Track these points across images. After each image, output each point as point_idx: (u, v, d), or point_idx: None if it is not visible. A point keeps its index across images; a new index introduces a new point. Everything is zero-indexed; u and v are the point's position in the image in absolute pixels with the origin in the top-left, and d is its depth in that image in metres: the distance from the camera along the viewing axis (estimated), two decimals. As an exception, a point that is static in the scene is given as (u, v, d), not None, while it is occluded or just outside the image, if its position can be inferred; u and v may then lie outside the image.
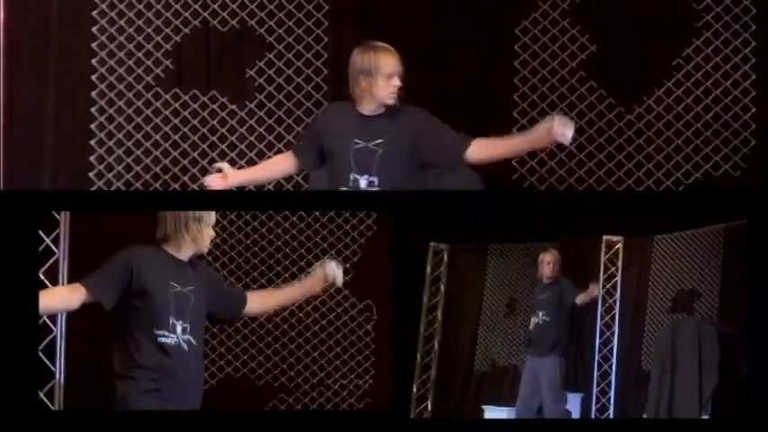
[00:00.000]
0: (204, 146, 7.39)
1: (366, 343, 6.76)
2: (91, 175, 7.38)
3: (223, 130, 7.41)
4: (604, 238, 7.87)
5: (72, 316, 5.11)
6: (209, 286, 4.56)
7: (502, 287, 8.75)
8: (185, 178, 7.38)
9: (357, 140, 5.33)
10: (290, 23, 7.39)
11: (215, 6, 7.40)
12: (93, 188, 7.32)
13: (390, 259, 7.10)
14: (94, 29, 7.39)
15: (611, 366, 7.87)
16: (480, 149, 5.41)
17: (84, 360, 5.20)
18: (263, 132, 7.39)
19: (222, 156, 7.34)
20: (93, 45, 7.40)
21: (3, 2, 7.26)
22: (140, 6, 7.41)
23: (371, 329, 6.63)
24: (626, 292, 7.96)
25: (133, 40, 7.42)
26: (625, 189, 7.23)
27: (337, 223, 7.60)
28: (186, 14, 7.40)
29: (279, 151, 7.29)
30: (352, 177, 5.31)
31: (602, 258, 7.90)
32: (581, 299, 7.74)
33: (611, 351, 7.89)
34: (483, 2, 7.31)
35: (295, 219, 7.56)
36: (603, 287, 7.94)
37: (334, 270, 4.78)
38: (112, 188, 7.34)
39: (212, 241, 4.50)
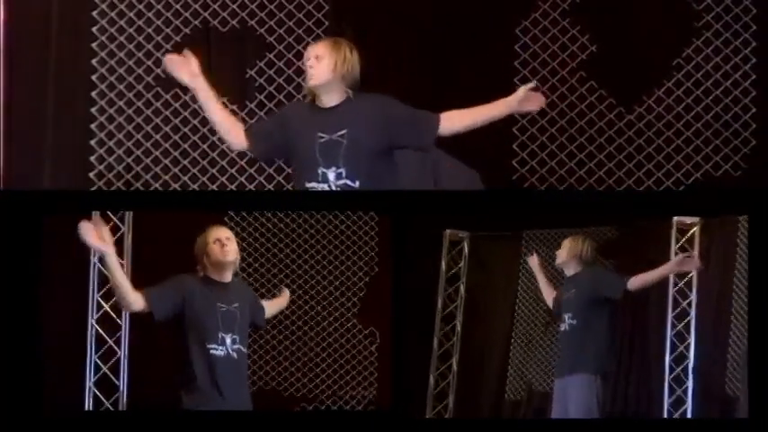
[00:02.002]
0: (204, 146, 7.38)
1: (371, 361, 7.45)
2: (91, 175, 7.37)
3: (223, 131, 7.39)
4: (675, 219, 6.75)
5: (133, 341, 6.22)
6: (249, 302, 5.24)
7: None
8: (185, 178, 7.37)
9: (321, 134, 5.29)
10: (290, 23, 7.39)
11: (215, 6, 7.40)
12: (94, 188, 7.32)
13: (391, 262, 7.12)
14: (94, 29, 7.39)
15: (686, 392, 6.53)
16: (449, 124, 5.36)
17: (142, 377, 6.28)
18: (264, 132, 7.38)
19: (222, 156, 7.34)
20: (94, 45, 7.39)
21: (3, 2, 7.26)
22: (140, 6, 7.40)
23: (375, 350, 7.38)
24: (705, 292, 6.66)
25: (133, 40, 7.41)
26: (625, 189, 7.23)
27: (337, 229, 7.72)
28: (186, 14, 7.40)
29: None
30: (320, 171, 5.26)
31: (673, 247, 6.71)
32: (642, 280, 5.91)
33: (685, 371, 6.54)
34: (483, 2, 7.31)
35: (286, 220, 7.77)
36: (674, 285, 6.74)
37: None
38: (112, 188, 7.33)
39: (222, 249, 5.10)
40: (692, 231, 6.73)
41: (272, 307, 5.63)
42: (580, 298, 6.09)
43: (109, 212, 6.42)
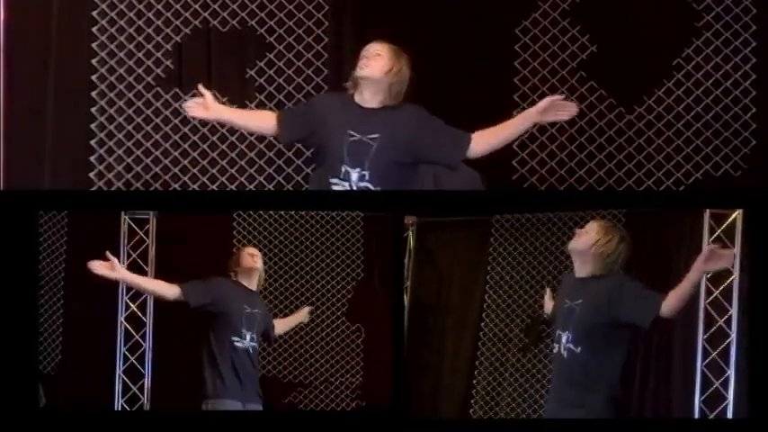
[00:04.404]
0: (204, 146, 7.39)
1: (357, 353, 8.04)
2: (91, 175, 7.38)
3: (223, 131, 7.40)
4: (708, 211, 5.76)
5: (158, 334, 7.21)
6: (264, 312, 6.17)
7: (516, 294, 6.67)
8: (185, 178, 7.38)
9: (352, 133, 5.31)
10: (290, 23, 7.39)
11: (215, 6, 7.40)
12: (94, 188, 7.32)
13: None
14: (94, 29, 7.39)
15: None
16: (480, 144, 5.40)
17: (166, 366, 7.29)
18: (264, 132, 7.38)
19: (223, 156, 7.35)
20: (94, 45, 7.40)
21: (3, 1, 7.26)
22: (140, 6, 7.41)
23: (361, 344, 8.00)
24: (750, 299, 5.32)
25: (133, 41, 7.42)
26: (625, 189, 7.22)
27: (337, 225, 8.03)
28: (186, 14, 7.40)
29: (279, 151, 7.30)
30: (343, 169, 5.29)
31: (706, 241, 5.80)
32: (675, 302, 4.61)
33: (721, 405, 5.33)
34: (483, 2, 7.31)
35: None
36: (708, 295, 5.73)
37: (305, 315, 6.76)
38: (112, 188, 7.34)
39: (253, 258, 6.14)
40: (730, 219, 5.59)
41: (283, 324, 6.67)
42: (591, 316, 4.75)
43: (133, 224, 7.19)
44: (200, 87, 5.48)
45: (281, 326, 6.69)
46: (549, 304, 5.33)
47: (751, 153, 7.24)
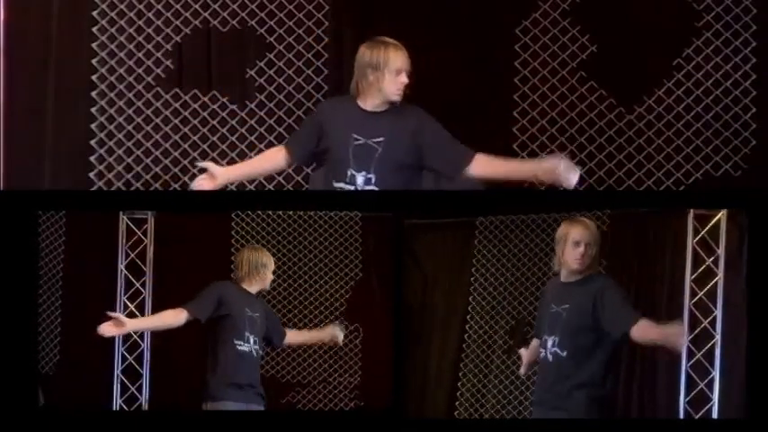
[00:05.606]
0: (205, 146, 7.39)
1: (356, 352, 8.10)
2: (91, 175, 7.38)
3: (223, 131, 7.41)
4: (692, 212, 5.79)
5: (156, 334, 7.15)
6: (267, 316, 6.13)
7: (500, 296, 6.83)
8: (185, 178, 7.37)
9: (357, 136, 5.32)
10: (291, 23, 7.39)
11: (215, 6, 7.41)
12: (94, 188, 7.32)
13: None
14: (94, 29, 7.40)
15: None
16: (481, 167, 5.39)
17: (164, 366, 7.35)
18: (264, 132, 7.39)
19: (222, 156, 7.35)
20: (94, 45, 7.40)
21: (3, 1, 7.27)
22: (141, 6, 7.41)
23: (359, 344, 8.03)
24: (733, 305, 5.63)
25: (133, 41, 7.42)
26: (625, 189, 7.22)
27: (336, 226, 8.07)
28: (186, 14, 7.41)
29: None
30: (349, 173, 5.31)
31: (690, 242, 5.84)
32: (645, 334, 4.71)
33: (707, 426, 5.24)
34: (483, 2, 7.30)
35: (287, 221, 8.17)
36: (692, 296, 5.79)
37: (338, 333, 6.32)
38: (112, 188, 7.34)
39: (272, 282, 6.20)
40: (713, 220, 5.75)
41: (296, 337, 6.50)
42: (577, 320, 4.85)
43: (131, 224, 7.22)
44: (200, 163, 5.83)
45: (298, 336, 6.58)
46: (525, 358, 5.29)
47: (751, 153, 7.23)
